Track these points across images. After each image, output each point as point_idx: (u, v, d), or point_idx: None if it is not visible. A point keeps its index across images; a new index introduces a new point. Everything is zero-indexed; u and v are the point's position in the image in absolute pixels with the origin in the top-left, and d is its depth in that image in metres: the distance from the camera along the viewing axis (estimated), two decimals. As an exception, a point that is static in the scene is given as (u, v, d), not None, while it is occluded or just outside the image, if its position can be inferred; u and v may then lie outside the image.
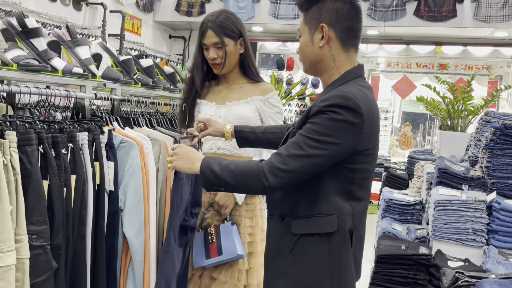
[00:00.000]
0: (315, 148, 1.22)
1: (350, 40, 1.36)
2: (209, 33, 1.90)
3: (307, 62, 1.39)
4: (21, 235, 1.48)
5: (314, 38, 1.34)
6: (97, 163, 1.81)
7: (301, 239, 1.31)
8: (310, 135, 1.23)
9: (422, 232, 2.73)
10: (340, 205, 1.30)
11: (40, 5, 4.65)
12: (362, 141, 1.27)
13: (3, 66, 1.67)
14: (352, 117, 1.22)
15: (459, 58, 7.11)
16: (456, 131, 3.70)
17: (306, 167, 1.24)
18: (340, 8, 1.33)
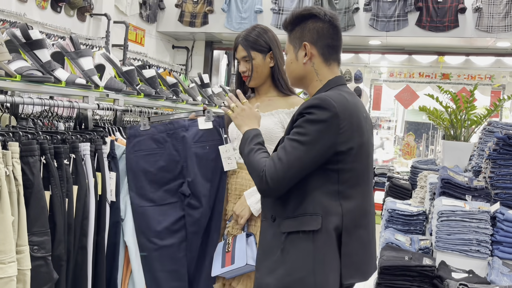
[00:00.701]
0: (299, 150, 1.34)
1: (331, 56, 1.49)
2: (239, 48, 2.00)
3: (292, 77, 1.54)
4: (23, 246, 1.48)
5: (298, 56, 1.49)
6: (99, 173, 1.81)
7: (289, 237, 1.39)
8: (293, 138, 1.36)
9: (426, 243, 2.71)
10: (326, 204, 1.37)
11: (44, 16, 4.70)
12: (341, 140, 1.35)
13: (6, 77, 1.68)
14: (325, 115, 1.33)
15: (462, 68, 7.11)
16: (459, 141, 3.68)
17: (294, 170, 1.35)
18: (320, 28, 1.47)
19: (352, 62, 7.59)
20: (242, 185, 1.96)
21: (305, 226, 1.36)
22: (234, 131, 2.00)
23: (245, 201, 1.90)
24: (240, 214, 1.89)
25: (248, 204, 1.89)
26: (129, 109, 2.37)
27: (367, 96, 7.87)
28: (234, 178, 1.99)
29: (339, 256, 1.38)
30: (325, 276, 1.35)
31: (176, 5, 6.56)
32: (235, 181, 1.98)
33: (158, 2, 6.57)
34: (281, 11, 6.17)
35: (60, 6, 4.90)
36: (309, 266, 1.35)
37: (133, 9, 6.07)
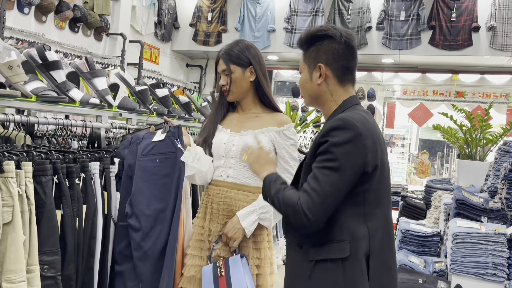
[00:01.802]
0: (332, 176, 1.30)
1: (346, 77, 1.47)
2: (220, 62, 1.99)
3: (307, 97, 1.52)
4: (33, 265, 1.49)
5: (313, 76, 1.46)
6: (106, 192, 1.82)
7: (317, 265, 1.34)
8: (323, 165, 1.31)
9: (440, 265, 2.65)
10: (354, 229, 1.33)
11: (62, 36, 4.82)
12: (367, 159, 1.32)
13: (23, 97, 1.72)
14: (349, 135, 1.31)
15: (477, 86, 7.04)
16: (475, 160, 3.63)
17: (331, 197, 1.30)
18: (336, 49, 1.44)
19: (365, 80, 7.59)
20: (230, 205, 1.88)
21: (333, 254, 1.33)
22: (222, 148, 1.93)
23: (239, 222, 1.82)
24: (233, 237, 1.81)
25: (243, 226, 1.81)
26: (142, 128, 2.39)
27: (380, 114, 7.83)
28: (219, 197, 1.89)
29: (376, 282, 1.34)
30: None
31: (190, 24, 6.68)
32: (223, 200, 1.89)
33: (173, 21, 6.69)
34: (294, 30, 6.22)
35: (77, 26, 5.02)
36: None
37: (148, 28, 6.19)
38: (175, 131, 1.90)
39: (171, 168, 1.86)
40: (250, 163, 1.57)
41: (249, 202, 1.89)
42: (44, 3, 4.45)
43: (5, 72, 1.68)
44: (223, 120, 2.03)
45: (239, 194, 1.89)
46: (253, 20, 6.40)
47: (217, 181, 1.94)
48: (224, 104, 2.05)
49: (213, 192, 1.92)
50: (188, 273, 1.89)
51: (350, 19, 6.02)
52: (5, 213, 1.44)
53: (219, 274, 1.74)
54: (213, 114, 2.06)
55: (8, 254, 1.44)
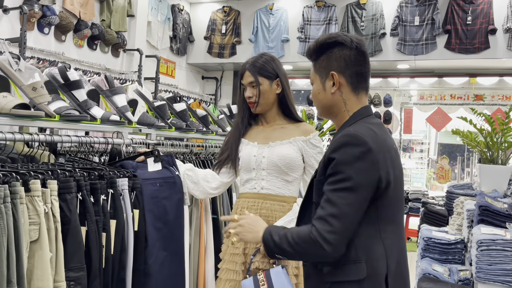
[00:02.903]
0: (348, 198, 1.25)
1: (360, 84, 1.42)
2: (246, 74, 2.00)
3: (321, 108, 1.47)
4: (60, 281, 1.52)
5: (326, 85, 1.42)
6: (137, 210, 1.86)
7: (333, 287, 1.30)
8: (336, 187, 1.26)
9: (466, 273, 2.60)
10: (370, 248, 1.29)
11: (81, 53, 4.94)
12: (380, 174, 1.27)
13: (46, 117, 1.77)
14: (359, 151, 1.26)
15: (496, 88, 6.93)
16: (497, 164, 3.56)
17: (350, 218, 1.25)
18: (347, 55, 1.39)
19: (381, 86, 7.54)
20: (267, 216, 1.90)
21: (350, 276, 1.28)
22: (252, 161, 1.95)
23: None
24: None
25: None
26: (161, 143, 2.43)
27: (397, 120, 7.76)
28: (255, 208, 1.92)
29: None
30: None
31: (205, 37, 6.76)
32: (259, 212, 1.91)
33: (188, 35, 6.79)
34: (308, 39, 6.25)
35: (95, 43, 5.14)
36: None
37: (164, 43, 6.30)
38: (169, 160, 2.02)
39: (169, 191, 1.99)
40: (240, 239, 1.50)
41: (285, 212, 1.92)
42: (63, 23, 4.58)
43: (30, 93, 1.74)
44: (246, 133, 2.05)
45: (274, 205, 1.92)
46: (266, 31, 6.45)
47: (250, 193, 1.97)
48: (246, 118, 2.06)
49: (247, 205, 1.94)
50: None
51: (364, 26, 6.02)
52: (32, 231, 1.47)
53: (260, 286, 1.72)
54: (234, 130, 2.08)
55: (35, 271, 1.47)
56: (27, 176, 1.51)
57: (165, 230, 1.96)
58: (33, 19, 4.29)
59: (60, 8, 4.62)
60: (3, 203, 1.37)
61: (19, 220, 1.41)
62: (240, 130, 2.04)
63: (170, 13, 6.35)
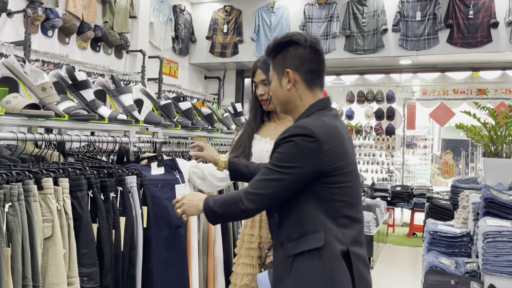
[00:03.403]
0: (278, 173, 1.39)
1: (314, 80, 1.52)
2: (258, 72, 2.04)
3: (279, 103, 1.57)
4: (73, 277, 1.55)
5: (282, 82, 1.52)
6: (145, 207, 1.88)
7: (295, 259, 1.41)
8: (274, 162, 1.41)
9: (472, 265, 2.61)
10: (326, 222, 1.41)
11: (85, 55, 4.97)
12: (325, 162, 1.39)
13: (56, 117, 1.80)
14: (307, 142, 1.37)
15: (499, 82, 6.93)
16: (501, 158, 3.57)
17: (272, 189, 1.41)
18: (301, 54, 1.49)
19: (383, 82, 7.55)
20: None
21: (310, 245, 1.39)
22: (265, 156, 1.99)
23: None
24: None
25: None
26: (168, 141, 2.45)
27: (400, 116, 7.77)
28: None
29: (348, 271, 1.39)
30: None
31: (207, 37, 6.79)
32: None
33: (190, 35, 6.82)
34: (309, 36, 6.26)
35: (99, 45, 5.17)
36: (321, 283, 1.37)
37: (166, 43, 6.32)
38: (171, 164, 2.08)
39: (171, 193, 2.04)
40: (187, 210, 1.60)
41: None
42: (67, 25, 4.61)
43: (39, 93, 1.77)
44: (258, 130, 2.09)
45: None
46: (268, 29, 6.47)
47: None
48: (259, 115, 2.10)
49: None
50: (241, 282, 1.94)
51: (366, 22, 6.03)
52: (46, 228, 1.50)
53: None
54: (247, 126, 2.11)
55: (49, 267, 1.50)
56: (40, 174, 1.54)
57: (167, 230, 2.00)
58: (37, 22, 4.32)
59: (63, 10, 4.66)
60: (17, 200, 1.40)
61: (33, 218, 1.44)
62: (253, 127, 2.08)
63: (172, 13, 6.38)
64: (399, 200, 6.85)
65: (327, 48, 6.20)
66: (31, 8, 4.15)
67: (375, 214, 5.23)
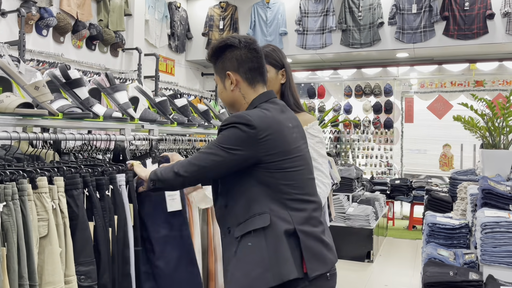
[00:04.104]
0: (218, 149, 1.47)
1: (255, 78, 1.60)
2: None
3: (227, 104, 1.66)
4: (70, 276, 1.54)
5: (226, 85, 1.60)
6: (131, 204, 1.86)
7: (242, 240, 1.47)
8: (216, 142, 1.50)
9: (471, 256, 2.62)
10: (272, 204, 1.47)
11: (80, 54, 4.95)
12: (261, 149, 1.46)
13: (50, 116, 1.79)
14: (244, 128, 1.45)
15: (496, 73, 6.92)
16: (499, 149, 3.57)
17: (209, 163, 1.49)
18: (238, 55, 1.57)
19: (380, 76, 7.54)
20: None
21: (256, 225, 1.45)
22: None
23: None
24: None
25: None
26: (164, 138, 2.44)
27: (398, 109, 7.76)
28: None
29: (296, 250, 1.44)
30: (281, 268, 1.41)
31: (203, 34, 6.77)
32: None
33: (186, 32, 6.80)
34: (306, 31, 6.25)
35: (94, 44, 5.15)
36: (264, 262, 1.41)
37: (162, 41, 6.30)
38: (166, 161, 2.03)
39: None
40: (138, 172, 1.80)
41: None
42: (61, 24, 4.59)
43: (32, 92, 1.75)
44: None
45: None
46: (264, 24, 6.45)
47: None
48: None
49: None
50: None
51: (361, 16, 6.01)
52: (41, 227, 1.49)
53: None
54: None
55: (46, 266, 1.49)
56: (34, 173, 1.53)
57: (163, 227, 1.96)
58: (31, 21, 4.30)
59: (57, 9, 4.64)
60: (11, 200, 1.39)
61: (27, 217, 1.43)
62: None
63: (167, 10, 6.35)
64: (398, 193, 6.86)
65: (323, 43, 6.18)
66: (24, 7, 4.13)
67: (374, 207, 5.23)
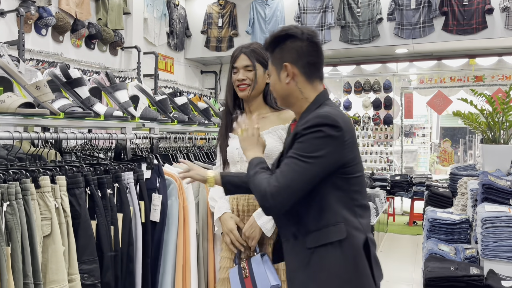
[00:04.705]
0: (305, 163, 1.35)
1: (313, 73, 1.50)
2: (241, 57, 1.97)
3: (279, 97, 1.56)
4: (74, 274, 1.55)
5: (281, 76, 1.50)
6: (142, 202, 1.88)
7: (315, 251, 1.39)
8: (297, 153, 1.37)
9: (471, 251, 2.63)
10: (345, 213, 1.41)
11: (79, 53, 4.95)
12: (345, 152, 1.39)
13: (51, 115, 1.80)
14: (333, 131, 1.36)
15: (495, 68, 6.93)
16: (499, 144, 3.58)
17: (298, 182, 1.36)
18: (299, 47, 1.47)
19: (380, 72, 7.54)
20: (255, 205, 1.91)
21: (332, 237, 1.38)
22: (235, 154, 1.96)
23: (255, 222, 1.85)
24: (250, 236, 1.85)
25: (259, 224, 1.84)
26: (165, 137, 2.45)
27: (398, 105, 7.76)
28: (244, 199, 1.94)
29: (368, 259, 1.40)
30: (362, 280, 1.38)
31: (201, 31, 6.76)
32: (247, 202, 1.93)
33: (185, 30, 6.79)
34: (305, 28, 6.24)
35: (93, 43, 5.15)
36: (343, 275, 1.37)
37: (161, 39, 6.30)
38: (157, 170, 2.04)
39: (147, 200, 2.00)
40: (242, 139, 1.61)
41: None
42: (60, 23, 4.59)
43: (33, 92, 1.76)
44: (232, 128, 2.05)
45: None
46: (263, 21, 6.45)
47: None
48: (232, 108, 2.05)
49: (237, 196, 1.94)
50: (222, 275, 1.95)
51: (360, 12, 6.01)
52: (44, 226, 1.50)
53: (244, 275, 1.77)
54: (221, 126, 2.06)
55: (49, 265, 1.50)
56: (36, 173, 1.54)
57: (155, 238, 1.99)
58: (30, 21, 4.30)
59: (56, 9, 4.63)
60: (15, 199, 1.40)
61: (31, 216, 1.44)
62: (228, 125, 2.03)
63: (166, 8, 6.35)
64: (398, 189, 6.87)
65: (322, 39, 6.18)
66: (23, 7, 4.13)
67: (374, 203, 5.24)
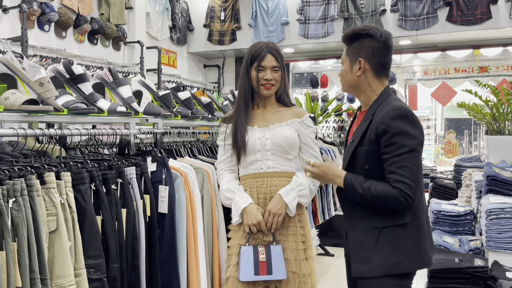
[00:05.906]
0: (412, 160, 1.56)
1: (382, 71, 1.71)
2: (268, 57, 2.09)
3: (346, 85, 1.78)
4: (80, 269, 1.57)
5: (353, 68, 1.71)
6: (147, 196, 1.90)
7: (382, 231, 1.61)
8: (401, 151, 1.56)
9: (476, 243, 2.63)
10: None
11: (82, 49, 4.95)
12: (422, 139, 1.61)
13: (55, 112, 1.81)
14: (416, 120, 1.59)
15: (500, 59, 6.87)
16: (504, 135, 3.56)
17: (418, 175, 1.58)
18: (375, 47, 1.68)
19: (383, 64, 7.50)
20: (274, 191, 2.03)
21: (396, 221, 1.60)
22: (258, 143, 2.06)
23: (282, 199, 1.99)
24: (277, 212, 1.98)
25: (286, 201, 1.98)
26: (168, 132, 2.46)
27: (402, 97, 7.72)
28: (265, 186, 2.05)
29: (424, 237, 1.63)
30: (418, 257, 1.60)
31: (204, 25, 6.74)
32: (269, 189, 2.04)
33: (187, 24, 6.77)
34: (307, 20, 6.20)
35: (96, 38, 5.15)
36: (403, 252, 1.58)
37: (163, 33, 6.29)
38: (162, 162, 2.10)
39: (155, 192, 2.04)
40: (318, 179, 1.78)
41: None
42: (63, 19, 4.59)
43: (37, 89, 1.77)
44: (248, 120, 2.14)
45: (282, 181, 2.06)
46: (265, 14, 6.41)
47: (258, 173, 2.08)
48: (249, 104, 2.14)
49: (257, 184, 2.07)
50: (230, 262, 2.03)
51: (364, 4, 5.96)
52: (50, 222, 1.52)
53: (260, 259, 1.87)
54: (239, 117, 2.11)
55: (56, 260, 1.52)
56: (42, 169, 1.55)
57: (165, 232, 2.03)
58: (33, 17, 4.30)
59: (58, 4, 4.63)
60: (21, 196, 1.41)
61: (37, 212, 1.45)
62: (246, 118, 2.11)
63: (168, 3, 6.33)
64: (403, 181, 6.85)
65: (325, 32, 6.15)
66: (26, 3, 4.13)
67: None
